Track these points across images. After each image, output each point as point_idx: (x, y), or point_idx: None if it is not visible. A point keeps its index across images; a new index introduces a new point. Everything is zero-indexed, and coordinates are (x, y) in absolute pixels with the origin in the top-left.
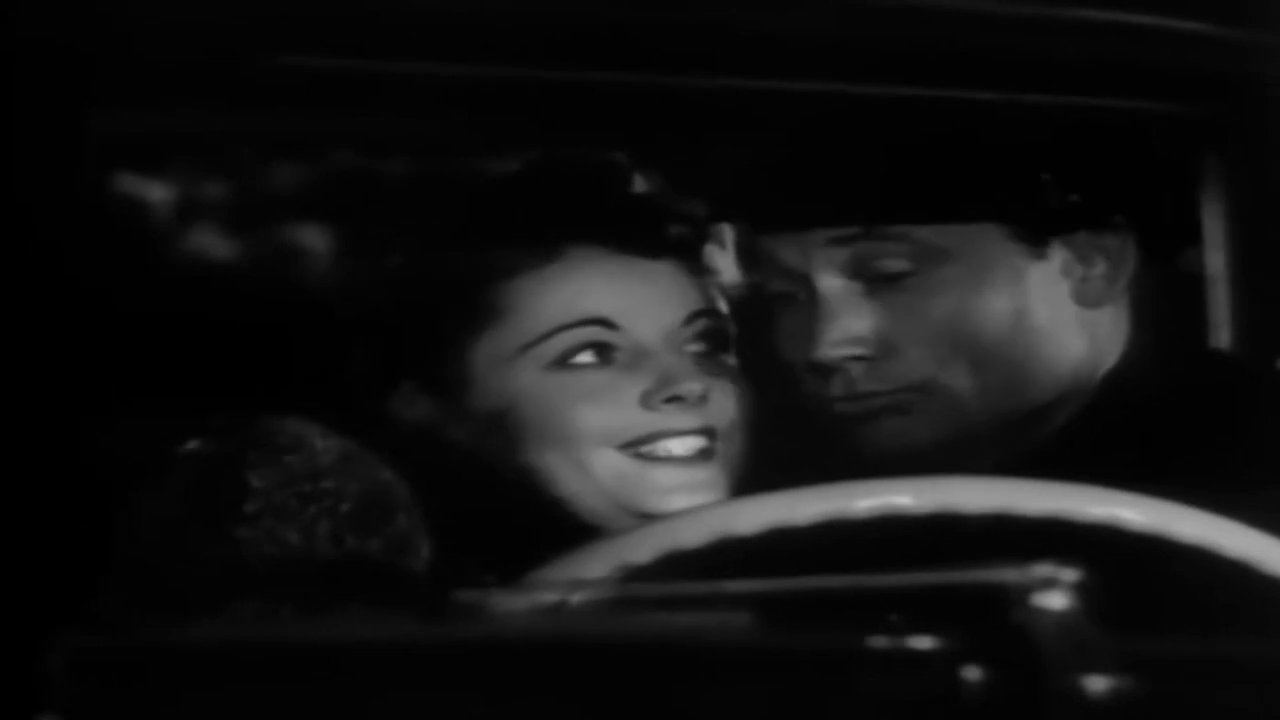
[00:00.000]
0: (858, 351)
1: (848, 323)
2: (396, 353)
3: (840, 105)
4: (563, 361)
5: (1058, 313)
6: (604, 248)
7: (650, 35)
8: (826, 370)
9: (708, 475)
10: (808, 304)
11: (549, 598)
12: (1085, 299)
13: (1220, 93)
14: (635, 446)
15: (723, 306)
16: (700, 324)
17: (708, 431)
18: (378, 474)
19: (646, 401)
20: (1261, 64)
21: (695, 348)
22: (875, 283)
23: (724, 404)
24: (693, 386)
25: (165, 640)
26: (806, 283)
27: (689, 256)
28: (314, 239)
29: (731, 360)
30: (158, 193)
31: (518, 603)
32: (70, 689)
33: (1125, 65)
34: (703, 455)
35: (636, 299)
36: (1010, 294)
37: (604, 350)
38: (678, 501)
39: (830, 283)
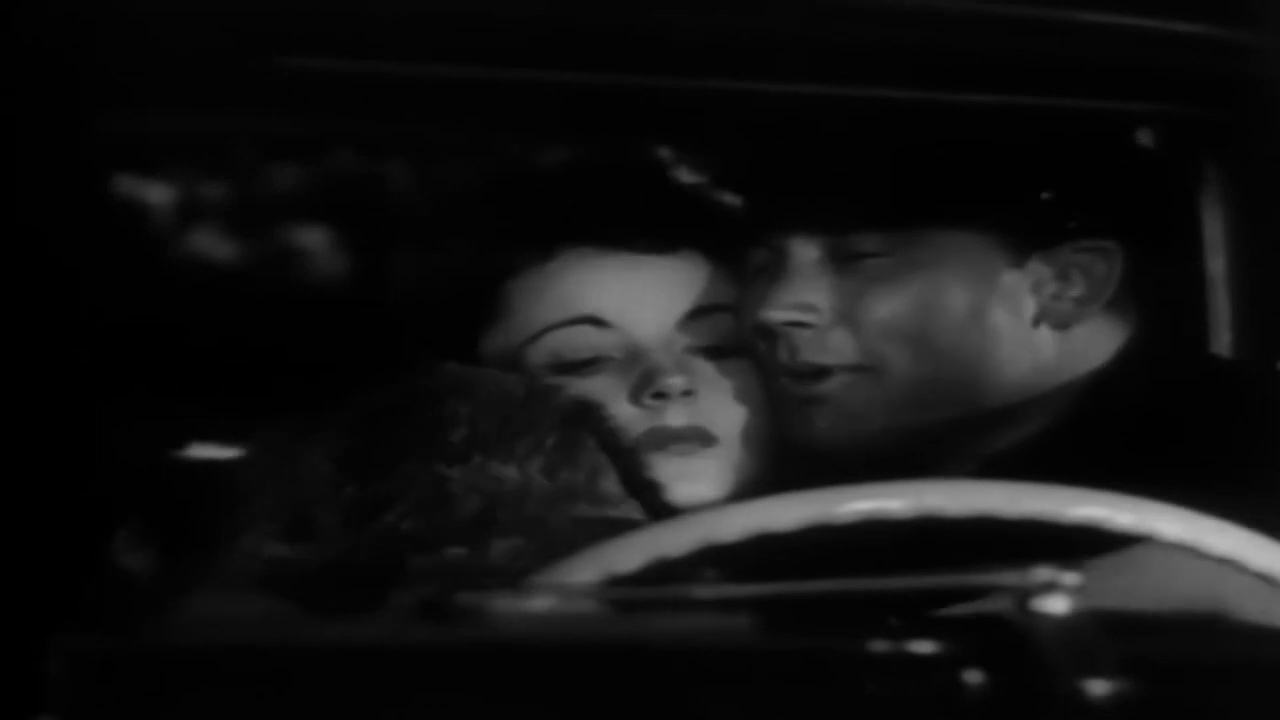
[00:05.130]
0: (803, 317)
1: (801, 288)
2: (404, 350)
3: (839, 107)
4: (556, 362)
5: (1018, 324)
6: (605, 244)
7: (646, 35)
8: (769, 333)
9: (707, 466)
10: (773, 271)
11: (543, 602)
12: (1052, 318)
13: (1220, 95)
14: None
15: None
16: (704, 320)
17: (699, 433)
18: (561, 399)
19: (635, 398)
20: (1262, 66)
21: (696, 343)
22: (843, 258)
23: (719, 403)
24: (674, 381)
25: (165, 641)
26: (779, 253)
27: (700, 251)
28: (314, 239)
29: (741, 361)
30: (158, 194)
31: (512, 606)
32: (70, 689)
33: (1125, 67)
34: (699, 448)
35: (634, 296)
36: (974, 294)
37: (595, 349)
38: (683, 490)
39: (803, 252)
